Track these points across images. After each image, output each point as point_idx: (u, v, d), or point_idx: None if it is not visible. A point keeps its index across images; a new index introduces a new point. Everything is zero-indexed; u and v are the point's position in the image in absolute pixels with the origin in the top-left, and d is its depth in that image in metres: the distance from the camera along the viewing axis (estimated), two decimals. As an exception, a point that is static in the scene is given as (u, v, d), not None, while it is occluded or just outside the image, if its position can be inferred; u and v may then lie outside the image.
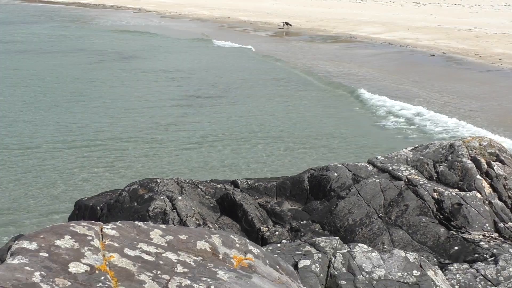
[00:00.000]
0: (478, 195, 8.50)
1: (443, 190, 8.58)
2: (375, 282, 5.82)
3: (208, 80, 32.60)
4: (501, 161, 9.26)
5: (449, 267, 6.93)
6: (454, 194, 8.50)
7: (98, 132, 21.59)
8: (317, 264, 5.96)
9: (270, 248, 6.59)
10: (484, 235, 7.88)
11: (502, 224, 8.12)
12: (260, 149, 19.73)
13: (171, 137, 21.06)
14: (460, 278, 6.65)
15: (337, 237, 6.63)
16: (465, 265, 7.00)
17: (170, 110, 25.24)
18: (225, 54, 42.89)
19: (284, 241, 8.09)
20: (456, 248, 7.73)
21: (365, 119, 23.80)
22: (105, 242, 3.91)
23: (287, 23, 58.86)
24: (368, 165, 9.67)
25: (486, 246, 7.54)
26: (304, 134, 21.41)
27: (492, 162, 9.10)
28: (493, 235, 7.91)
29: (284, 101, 27.18)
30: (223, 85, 30.95)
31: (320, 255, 6.11)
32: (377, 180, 8.95)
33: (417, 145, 10.40)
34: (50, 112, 24.78)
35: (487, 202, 8.47)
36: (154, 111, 25.14)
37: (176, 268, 3.84)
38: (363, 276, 5.88)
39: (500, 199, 8.63)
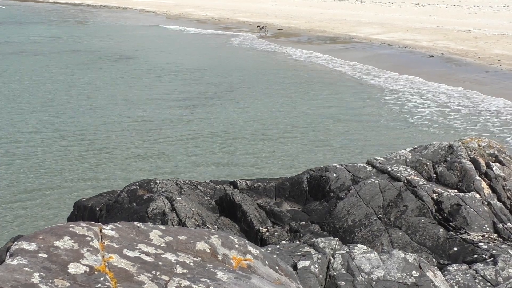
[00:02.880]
0: (477, 196, 8.50)
1: (442, 191, 8.58)
2: (374, 283, 5.82)
3: (209, 80, 32.61)
4: (500, 162, 9.26)
5: (448, 268, 6.92)
6: (453, 195, 8.50)
7: (97, 132, 21.58)
8: (316, 265, 5.96)
9: (269, 249, 6.59)
10: (483, 236, 7.88)
11: (501, 224, 8.13)
12: (260, 149, 19.73)
13: (170, 138, 21.06)
14: (459, 279, 6.65)
15: (336, 238, 6.62)
16: (464, 266, 7.00)
17: (171, 110, 25.24)
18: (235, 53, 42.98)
19: (283, 242, 8.08)
20: (455, 248, 7.73)
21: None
22: (104, 243, 3.91)
23: (259, 26, 57.40)
24: (367, 166, 9.67)
25: (485, 246, 7.55)
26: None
27: (491, 163, 9.10)
28: (492, 236, 7.91)
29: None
30: (221, 86, 30.97)
31: (319, 256, 6.11)
32: (376, 181, 8.95)
33: (416, 146, 10.39)
34: (50, 112, 24.77)
35: (486, 203, 8.47)
36: (155, 110, 25.15)
37: (175, 269, 3.84)
38: (362, 277, 5.88)
39: (499, 200, 8.63)
